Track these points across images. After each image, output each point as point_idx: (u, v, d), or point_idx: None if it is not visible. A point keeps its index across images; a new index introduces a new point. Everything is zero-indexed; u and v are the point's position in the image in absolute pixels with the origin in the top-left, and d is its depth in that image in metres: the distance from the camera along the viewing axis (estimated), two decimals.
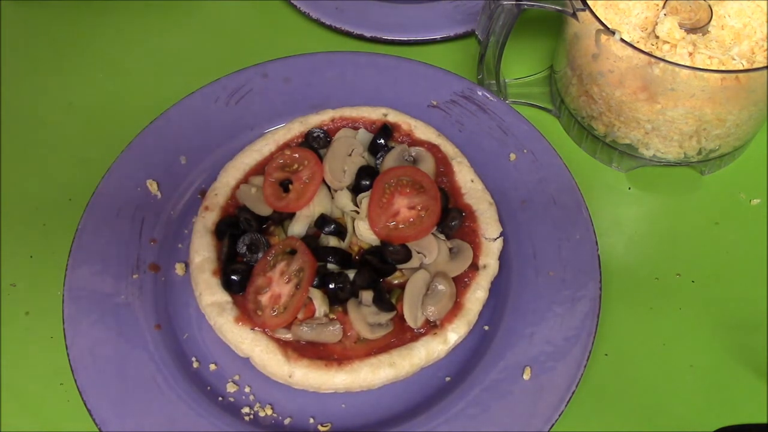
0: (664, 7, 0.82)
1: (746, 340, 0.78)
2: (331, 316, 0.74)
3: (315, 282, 0.74)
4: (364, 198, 0.79)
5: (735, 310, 0.80)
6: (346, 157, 0.81)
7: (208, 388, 0.74)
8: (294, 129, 0.86)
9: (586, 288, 0.76)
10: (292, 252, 0.75)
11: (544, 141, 0.85)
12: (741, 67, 0.78)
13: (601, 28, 0.78)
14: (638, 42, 0.80)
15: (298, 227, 0.79)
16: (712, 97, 0.76)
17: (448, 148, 0.85)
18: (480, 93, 0.89)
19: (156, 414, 0.71)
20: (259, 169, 0.84)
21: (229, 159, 0.85)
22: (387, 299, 0.73)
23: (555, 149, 0.84)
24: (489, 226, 0.79)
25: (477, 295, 0.76)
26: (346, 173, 0.81)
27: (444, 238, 0.78)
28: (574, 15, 0.80)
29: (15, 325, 0.80)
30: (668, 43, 0.79)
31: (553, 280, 0.77)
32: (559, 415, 0.69)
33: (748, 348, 0.78)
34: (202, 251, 0.78)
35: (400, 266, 0.76)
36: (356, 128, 0.86)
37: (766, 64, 0.78)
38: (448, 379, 0.74)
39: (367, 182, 0.80)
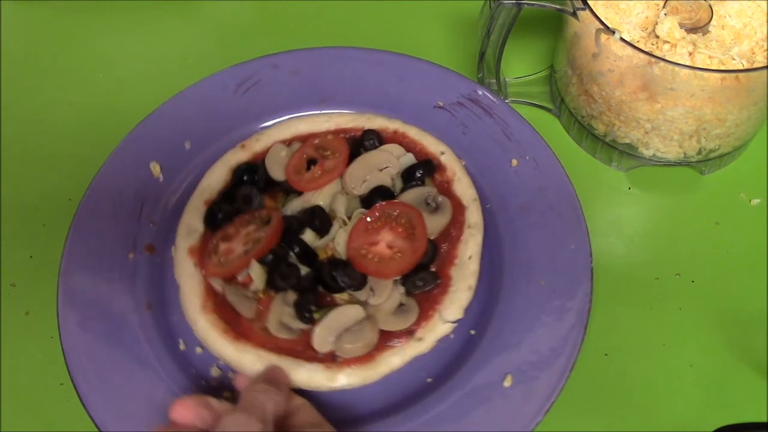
0: (664, 7, 0.82)
1: (746, 339, 0.78)
2: (262, 295, 0.75)
3: (269, 258, 0.75)
4: (359, 213, 0.78)
5: (735, 310, 0.80)
6: (376, 169, 0.81)
7: (193, 370, 0.74)
8: (359, 120, 0.86)
9: (576, 299, 0.74)
10: (269, 222, 0.76)
11: (547, 149, 0.83)
12: (741, 67, 0.78)
13: (601, 27, 0.78)
14: (638, 41, 0.80)
15: (294, 206, 0.80)
16: (712, 97, 0.76)
17: (472, 216, 0.80)
18: (486, 96, 0.88)
19: (138, 394, 0.71)
20: (306, 139, 0.85)
21: (232, 147, 0.86)
22: (308, 310, 0.72)
23: (558, 158, 0.83)
24: (452, 307, 0.75)
25: (391, 361, 0.72)
26: (365, 184, 0.80)
27: (403, 291, 0.75)
28: (574, 14, 0.80)
29: (15, 325, 0.80)
30: (668, 42, 0.79)
31: (543, 289, 0.75)
32: (536, 424, 0.68)
33: (748, 347, 0.78)
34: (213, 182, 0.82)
35: (349, 291, 0.75)
36: (408, 150, 0.84)
37: (766, 64, 0.78)
38: (429, 380, 0.73)
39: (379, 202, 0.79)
